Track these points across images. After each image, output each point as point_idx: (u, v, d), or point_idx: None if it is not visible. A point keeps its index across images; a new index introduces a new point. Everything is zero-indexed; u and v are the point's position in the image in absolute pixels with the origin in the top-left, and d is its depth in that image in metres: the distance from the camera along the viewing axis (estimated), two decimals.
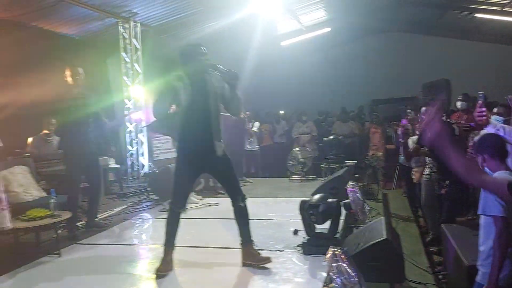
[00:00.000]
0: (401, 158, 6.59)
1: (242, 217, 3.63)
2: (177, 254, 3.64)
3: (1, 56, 6.58)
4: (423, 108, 4.57)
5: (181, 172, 3.55)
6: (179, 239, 3.65)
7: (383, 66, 14.24)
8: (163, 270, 3.50)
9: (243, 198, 3.62)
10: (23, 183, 5.12)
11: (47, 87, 7.40)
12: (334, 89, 14.27)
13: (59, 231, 4.46)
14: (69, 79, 5.07)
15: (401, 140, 4.60)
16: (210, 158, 3.50)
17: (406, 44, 14.45)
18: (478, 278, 2.64)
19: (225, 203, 6.22)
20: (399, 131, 4.61)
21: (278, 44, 12.99)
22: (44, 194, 5.23)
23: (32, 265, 3.93)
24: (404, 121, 4.93)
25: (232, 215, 5.27)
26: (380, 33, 14.71)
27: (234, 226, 4.82)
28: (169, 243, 3.59)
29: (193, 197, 6.32)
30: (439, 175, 4.61)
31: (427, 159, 4.95)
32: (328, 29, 12.93)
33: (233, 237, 4.43)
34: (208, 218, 5.47)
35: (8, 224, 3.72)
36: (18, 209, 4.27)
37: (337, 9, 12.18)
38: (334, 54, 14.75)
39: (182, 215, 3.61)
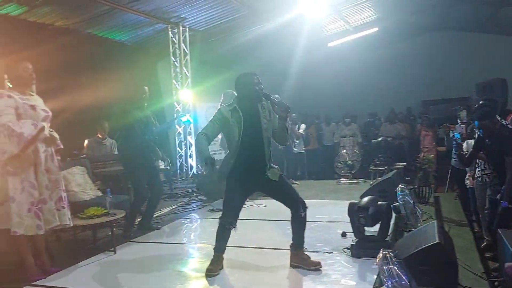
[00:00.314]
0: (453, 161, 6.37)
1: (299, 224, 3.63)
2: (225, 254, 3.71)
3: (59, 61, 6.93)
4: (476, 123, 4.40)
5: (233, 192, 3.60)
6: None
7: (434, 66, 13.81)
8: (214, 270, 3.58)
9: (304, 207, 3.60)
10: (80, 182, 5.36)
11: (101, 91, 7.76)
12: (382, 90, 14.01)
13: (114, 229, 4.64)
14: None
15: (455, 152, 4.47)
16: (262, 181, 3.57)
17: (458, 43, 13.91)
18: None
19: (272, 205, 6.28)
20: (454, 145, 4.49)
21: (325, 45, 12.92)
22: (99, 193, 5.46)
23: (89, 260, 4.13)
24: (458, 135, 4.80)
25: (279, 217, 5.34)
26: (431, 32, 14.28)
27: (281, 227, 4.91)
28: (220, 249, 3.67)
29: None
30: (494, 180, 4.43)
31: (477, 161, 4.79)
32: (376, 29, 12.72)
33: (281, 238, 4.50)
34: (255, 219, 5.52)
35: (69, 221, 3.92)
36: (76, 207, 4.48)
37: (386, 8, 11.95)
38: (382, 54, 14.45)
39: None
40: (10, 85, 3.77)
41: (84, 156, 6.44)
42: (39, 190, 3.61)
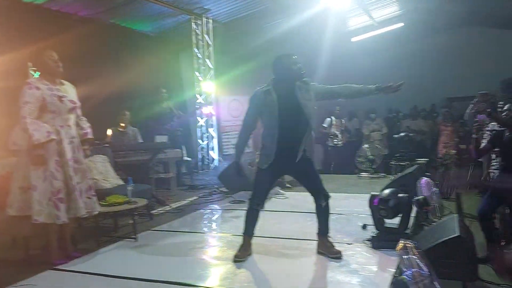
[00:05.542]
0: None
1: (322, 214, 3.69)
2: None
3: (82, 50, 7.01)
4: (508, 105, 4.30)
5: (263, 174, 3.63)
6: None
7: (459, 63, 13.51)
8: (241, 256, 3.63)
9: (326, 198, 3.65)
10: (102, 171, 5.44)
11: (124, 81, 7.85)
12: (406, 86, 13.75)
13: (136, 217, 4.71)
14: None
15: (474, 136, 4.36)
16: (292, 162, 3.57)
17: (486, 39, 13.54)
18: None
19: (293, 197, 6.30)
20: (475, 126, 4.37)
21: (348, 40, 12.79)
22: (121, 182, 5.53)
23: (111, 247, 4.20)
24: (480, 116, 4.67)
25: (300, 209, 5.35)
26: (458, 28, 13.94)
27: (302, 219, 4.91)
28: (248, 233, 3.72)
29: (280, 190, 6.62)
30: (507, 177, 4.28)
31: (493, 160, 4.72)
32: (401, 24, 12.53)
33: (302, 229, 4.53)
34: (276, 210, 5.53)
35: (99, 208, 4.01)
36: (97, 195, 4.52)
37: (412, 3, 11.76)
38: (407, 50, 14.19)
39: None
40: (34, 74, 3.83)
41: (106, 145, 6.54)
42: (64, 180, 3.66)
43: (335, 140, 9.43)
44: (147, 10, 8.23)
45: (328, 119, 9.92)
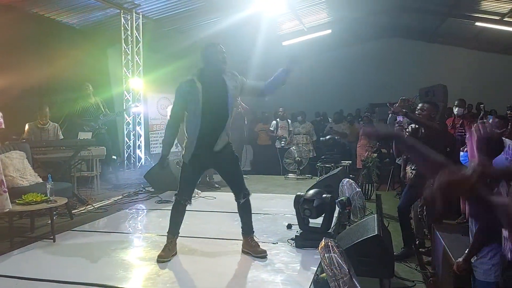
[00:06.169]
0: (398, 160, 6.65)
1: (243, 211, 3.73)
2: None
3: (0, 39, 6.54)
4: (420, 105, 4.58)
5: (188, 167, 3.63)
6: None
7: (382, 71, 14.30)
8: (165, 256, 3.58)
9: (245, 195, 3.68)
10: (19, 168, 5.12)
11: (45, 75, 7.41)
12: (333, 91, 14.31)
13: (55, 217, 4.48)
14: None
15: None
16: (216, 154, 3.57)
17: (406, 50, 14.54)
18: (476, 275, 2.70)
19: (220, 198, 6.30)
20: (396, 127, 4.62)
21: (280, 43, 13.02)
22: (40, 180, 5.24)
23: (25, 249, 3.95)
24: (400, 118, 4.96)
25: (225, 209, 5.36)
26: (381, 38, 14.78)
27: (227, 219, 4.92)
28: (173, 232, 3.69)
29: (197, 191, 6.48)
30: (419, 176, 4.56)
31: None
32: (329, 31, 12.98)
33: (228, 228, 4.53)
34: (202, 210, 5.50)
35: (10, 206, 3.76)
36: (13, 193, 4.26)
37: (339, 12, 12.23)
38: (334, 57, 14.79)
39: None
40: None
41: (24, 140, 6.16)
42: None
43: (282, 142, 9.50)
44: (74, 2, 7.83)
45: (274, 122, 9.96)
